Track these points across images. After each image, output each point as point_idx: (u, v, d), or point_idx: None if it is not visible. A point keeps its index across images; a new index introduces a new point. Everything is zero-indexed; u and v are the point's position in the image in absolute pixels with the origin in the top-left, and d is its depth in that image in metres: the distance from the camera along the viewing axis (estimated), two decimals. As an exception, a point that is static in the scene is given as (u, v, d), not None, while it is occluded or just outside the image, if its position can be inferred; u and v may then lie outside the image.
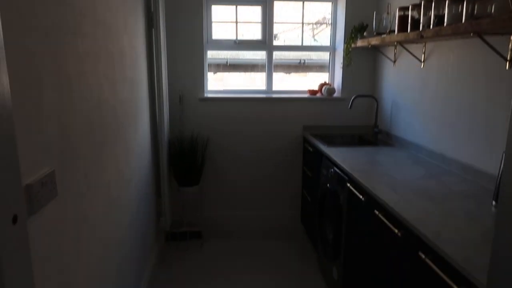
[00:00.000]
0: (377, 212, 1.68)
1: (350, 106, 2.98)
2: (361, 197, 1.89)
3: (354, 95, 3.00)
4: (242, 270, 2.77)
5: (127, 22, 2.00)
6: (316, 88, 3.36)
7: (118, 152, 1.80)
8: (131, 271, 2.05)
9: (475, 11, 1.57)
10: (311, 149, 2.97)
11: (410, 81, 2.62)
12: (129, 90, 2.01)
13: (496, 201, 1.59)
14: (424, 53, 2.41)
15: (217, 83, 3.39)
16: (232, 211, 3.39)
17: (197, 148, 3.10)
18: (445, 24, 1.75)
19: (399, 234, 1.48)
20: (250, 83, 3.44)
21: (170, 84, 3.04)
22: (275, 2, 3.20)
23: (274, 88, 3.37)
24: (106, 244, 1.59)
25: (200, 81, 3.14)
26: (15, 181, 0.74)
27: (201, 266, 2.81)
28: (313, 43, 3.39)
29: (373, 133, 3.04)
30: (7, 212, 0.71)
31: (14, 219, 0.72)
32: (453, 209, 1.55)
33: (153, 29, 2.62)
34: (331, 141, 3.04)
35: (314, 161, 2.90)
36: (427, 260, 1.27)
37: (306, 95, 3.32)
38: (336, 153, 2.49)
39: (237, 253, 3.01)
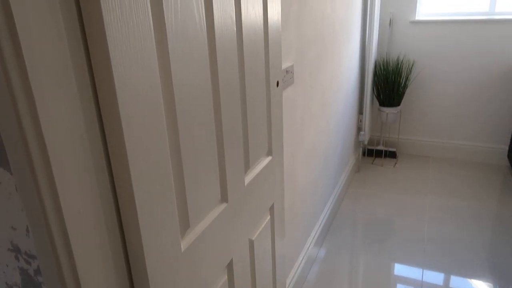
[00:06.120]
0: None
1: None
2: None
3: None
4: (433, 191, 2.91)
5: None
6: (555, 7, 2.89)
7: (332, 62, 2.16)
8: (334, 166, 2.50)
9: None
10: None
11: None
12: (346, 9, 2.30)
13: None
14: None
15: (433, 6, 3.30)
16: (430, 137, 3.44)
17: (402, 71, 3.21)
18: None
19: None
20: (471, 6, 3.21)
21: (381, 6, 3.17)
22: None
23: (499, 9, 3.06)
24: (319, 132, 2.04)
25: (413, 3, 3.14)
26: (278, 63, 1.17)
27: (392, 181, 3.08)
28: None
29: None
30: (274, 79, 1.15)
31: (277, 84, 1.17)
32: None
33: (372, -48, 2.76)
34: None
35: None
36: None
37: (539, 16, 2.91)
38: None
39: (430, 177, 3.13)
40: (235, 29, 0.87)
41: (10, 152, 0.51)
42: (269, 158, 1.17)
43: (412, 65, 3.29)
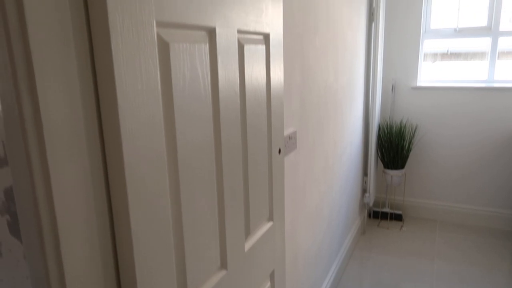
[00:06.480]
0: None
1: None
2: None
3: None
4: (440, 256, 2.85)
5: (352, 19, 2.39)
6: (552, 77, 3.00)
7: (335, 127, 2.23)
8: (338, 228, 2.48)
9: None
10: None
11: None
12: (348, 77, 2.42)
13: None
14: None
15: (433, 73, 3.44)
16: (436, 201, 3.42)
17: (405, 134, 3.27)
18: None
19: None
20: (470, 74, 3.34)
21: (384, 73, 3.31)
22: (506, -15, 3.00)
23: (497, 77, 3.18)
24: (322, 195, 2.05)
25: (414, 70, 3.28)
26: (281, 131, 1.23)
27: (399, 245, 3.03)
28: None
29: None
30: (276, 146, 1.20)
31: (279, 151, 1.22)
32: None
33: (373, 23, 2.94)
34: None
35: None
36: None
37: (537, 85, 3.01)
38: None
39: (437, 242, 3.07)
40: (239, 100, 0.94)
41: (23, 223, 0.55)
42: (270, 223, 1.19)
43: (415, 129, 3.36)
